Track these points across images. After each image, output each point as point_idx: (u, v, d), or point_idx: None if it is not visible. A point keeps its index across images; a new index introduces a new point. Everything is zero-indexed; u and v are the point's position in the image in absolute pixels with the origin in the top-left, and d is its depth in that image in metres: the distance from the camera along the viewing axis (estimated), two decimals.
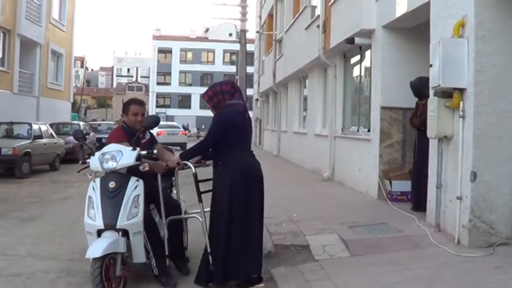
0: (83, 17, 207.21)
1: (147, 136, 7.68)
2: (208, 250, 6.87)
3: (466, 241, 8.34)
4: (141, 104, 7.71)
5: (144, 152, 6.90)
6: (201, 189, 7.20)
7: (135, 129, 7.39)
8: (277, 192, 13.98)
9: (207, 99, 7.12)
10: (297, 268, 7.81)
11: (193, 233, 8.04)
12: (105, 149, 6.90)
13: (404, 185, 12.36)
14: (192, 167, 7.15)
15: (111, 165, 6.70)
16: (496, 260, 7.61)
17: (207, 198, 7.25)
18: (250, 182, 6.94)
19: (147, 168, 6.79)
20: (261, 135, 43.26)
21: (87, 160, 6.99)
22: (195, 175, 7.16)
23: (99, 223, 6.47)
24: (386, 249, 8.59)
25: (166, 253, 7.28)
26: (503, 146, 8.36)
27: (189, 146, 43.93)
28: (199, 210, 7.21)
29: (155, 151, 7.03)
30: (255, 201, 6.98)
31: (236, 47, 47.96)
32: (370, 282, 7.02)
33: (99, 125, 41.86)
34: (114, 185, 6.59)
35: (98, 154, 6.83)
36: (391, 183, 12.53)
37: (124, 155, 6.75)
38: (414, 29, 12.49)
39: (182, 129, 48.71)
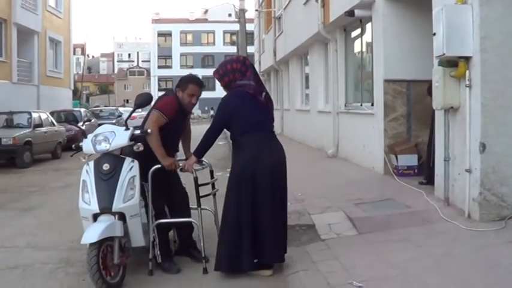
0: (80, 3, 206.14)
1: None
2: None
3: (476, 215, 8.11)
4: (201, 85, 7.40)
5: (137, 132, 6.73)
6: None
7: (185, 106, 7.25)
8: None
9: (218, 78, 6.84)
10: (302, 249, 7.59)
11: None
12: (98, 130, 6.79)
13: (410, 159, 12.15)
14: (194, 171, 7.05)
15: (104, 146, 6.59)
16: (509, 234, 7.38)
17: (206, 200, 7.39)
18: (266, 166, 6.62)
19: (141, 149, 6.62)
20: None
21: (80, 144, 6.82)
22: (195, 179, 7.09)
23: (94, 207, 6.35)
24: (395, 226, 8.37)
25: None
26: None
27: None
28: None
29: (149, 130, 6.78)
30: (272, 186, 6.65)
31: (236, 27, 47.67)
32: (379, 260, 6.78)
33: (101, 111, 41.63)
34: (108, 167, 6.47)
35: (90, 136, 6.71)
36: (397, 157, 12.29)
37: (117, 136, 6.65)
38: None
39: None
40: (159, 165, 6.90)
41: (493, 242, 7.14)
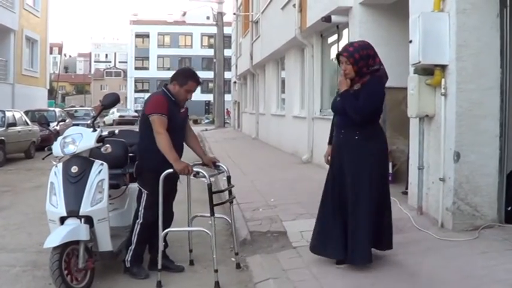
0: (58, 2, 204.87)
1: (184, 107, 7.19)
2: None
3: (449, 224, 8.09)
4: (200, 83, 7.19)
5: (105, 133, 6.63)
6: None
7: (180, 100, 6.94)
8: (255, 177, 13.73)
9: (353, 62, 6.54)
10: (273, 256, 7.50)
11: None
12: (67, 132, 6.69)
13: None
14: (207, 176, 6.57)
15: (71, 149, 6.48)
16: (482, 244, 7.36)
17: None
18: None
19: (109, 150, 6.51)
20: (239, 118, 43.01)
21: (52, 146, 6.71)
22: (210, 186, 6.49)
23: (62, 210, 6.25)
24: None
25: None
26: (487, 124, 8.08)
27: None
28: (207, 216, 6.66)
29: (116, 131, 6.65)
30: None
31: (214, 30, 47.60)
32: (350, 269, 6.65)
33: (76, 111, 41.26)
34: (76, 169, 6.38)
35: (59, 139, 6.61)
36: None
37: (84, 138, 6.54)
38: (393, 5, 12.19)
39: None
40: (171, 170, 6.47)
41: (466, 253, 7.10)
